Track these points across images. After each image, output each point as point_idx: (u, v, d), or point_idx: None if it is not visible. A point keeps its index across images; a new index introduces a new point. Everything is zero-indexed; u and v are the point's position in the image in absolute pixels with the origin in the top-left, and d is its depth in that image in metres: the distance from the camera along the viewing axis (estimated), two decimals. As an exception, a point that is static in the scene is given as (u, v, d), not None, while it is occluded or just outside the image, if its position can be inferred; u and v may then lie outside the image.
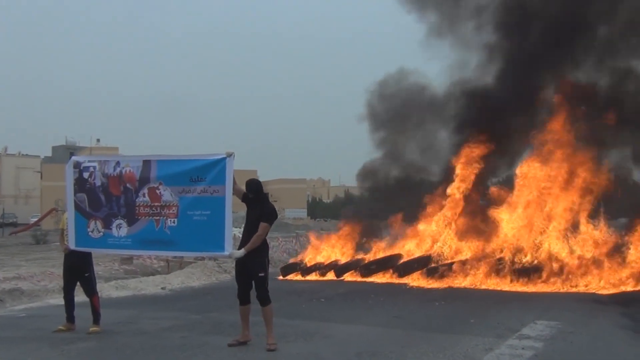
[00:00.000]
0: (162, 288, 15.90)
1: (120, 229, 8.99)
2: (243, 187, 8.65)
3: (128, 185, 8.94)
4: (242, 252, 8.27)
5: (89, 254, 9.65)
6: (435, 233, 18.24)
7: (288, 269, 19.07)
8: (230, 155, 8.35)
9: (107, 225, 9.08)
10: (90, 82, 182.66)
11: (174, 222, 8.62)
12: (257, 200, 8.50)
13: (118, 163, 9.10)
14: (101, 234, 9.13)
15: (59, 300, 11.03)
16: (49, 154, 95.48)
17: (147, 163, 8.84)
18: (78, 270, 9.63)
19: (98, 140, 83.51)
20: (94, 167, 9.24)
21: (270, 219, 8.44)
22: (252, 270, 8.32)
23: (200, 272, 18.65)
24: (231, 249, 8.34)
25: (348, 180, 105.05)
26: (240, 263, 8.42)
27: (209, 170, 8.41)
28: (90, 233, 9.20)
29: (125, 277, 19.18)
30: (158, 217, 8.71)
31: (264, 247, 8.47)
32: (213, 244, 8.36)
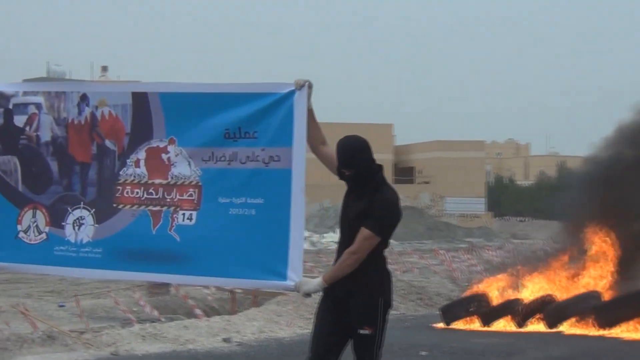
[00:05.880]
0: (225, 339, 16.35)
1: (82, 227, 8.50)
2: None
3: (107, 142, 8.48)
4: (319, 282, 7.70)
5: None
6: None
7: (455, 311, 19.59)
8: (302, 86, 7.80)
9: (57, 219, 8.61)
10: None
11: (190, 219, 8.15)
12: (363, 183, 7.74)
13: (85, 98, 8.54)
14: (43, 236, 8.64)
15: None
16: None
17: (141, 98, 8.34)
18: None
19: (104, 69, 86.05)
20: (39, 105, 8.71)
21: (381, 222, 7.59)
22: (350, 319, 7.73)
23: (292, 313, 19.11)
24: (300, 276, 7.82)
25: (565, 146, 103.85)
26: (328, 301, 7.86)
27: (262, 116, 7.91)
28: (22, 234, 8.71)
29: (158, 319, 20.03)
30: (159, 208, 8.23)
31: (375, 276, 7.72)
32: (264, 265, 7.90)
